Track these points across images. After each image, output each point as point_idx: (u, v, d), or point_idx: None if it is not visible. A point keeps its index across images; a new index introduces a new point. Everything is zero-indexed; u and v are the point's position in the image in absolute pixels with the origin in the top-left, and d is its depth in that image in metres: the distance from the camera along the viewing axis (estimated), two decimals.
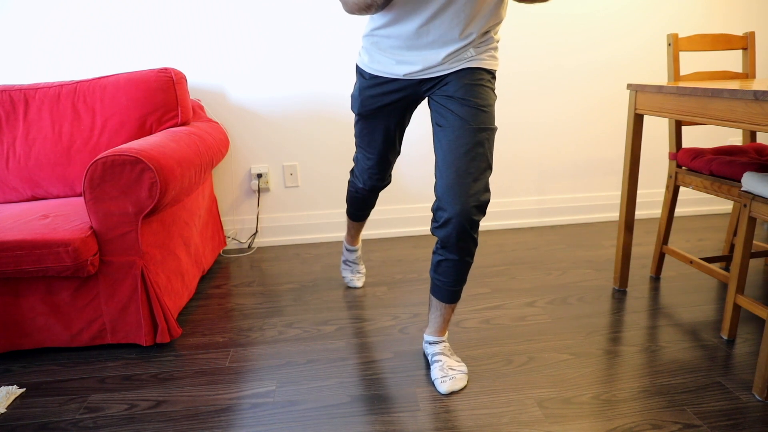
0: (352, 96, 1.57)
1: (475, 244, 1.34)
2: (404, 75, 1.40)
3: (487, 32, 1.34)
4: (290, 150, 2.59)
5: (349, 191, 1.86)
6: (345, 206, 2.69)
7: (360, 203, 1.85)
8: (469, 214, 1.26)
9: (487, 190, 1.29)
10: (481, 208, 1.28)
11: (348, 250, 2.11)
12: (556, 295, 1.98)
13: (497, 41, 1.40)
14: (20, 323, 1.65)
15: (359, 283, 2.13)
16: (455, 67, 1.35)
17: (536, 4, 1.38)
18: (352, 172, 1.80)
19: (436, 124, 1.37)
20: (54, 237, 1.54)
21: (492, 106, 1.34)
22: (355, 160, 1.74)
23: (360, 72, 1.53)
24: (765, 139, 2.80)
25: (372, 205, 1.88)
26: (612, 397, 1.39)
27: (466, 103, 1.31)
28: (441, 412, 1.36)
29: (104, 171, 1.55)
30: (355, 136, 1.66)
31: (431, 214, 2.70)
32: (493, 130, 1.32)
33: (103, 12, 2.36)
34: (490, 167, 1.31)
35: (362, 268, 2.17)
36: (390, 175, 1.75)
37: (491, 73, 1.38)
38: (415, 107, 1.56)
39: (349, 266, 2.14)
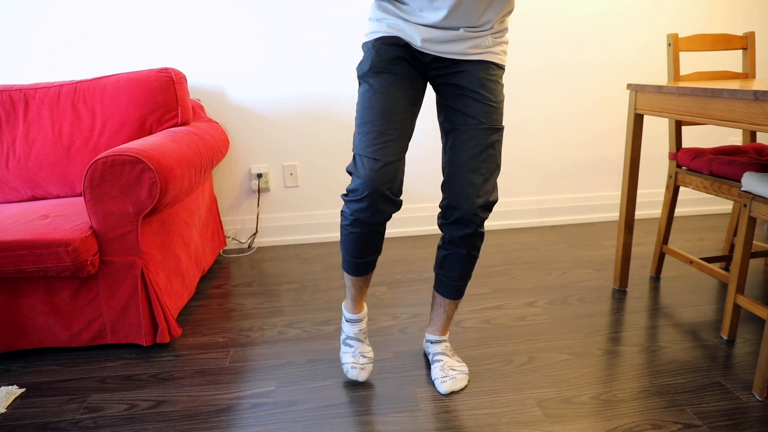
0: (362, 59, 1.33)
1: (482, 239, 1.36)
2: (422, 43, 1.28)
3: (502, 21, 1.33)
4: (290, 150, 2.59)
5: (343, 228, 1.33)
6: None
7: (362, 239, 1.31)
8: (479, 212, 1.30)
9: (495, 189, 1.32)
10: (489, 207, 1.32)
11: (349, 321, 1.52)
12: (556, 295, 1.98)
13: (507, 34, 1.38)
14: (20, 323, 1.65)
15: (364, 375, 1.47)
16: (473, 55, 1.31)
17: None
18: (345, 197, 1.29)
19: (445, 121, 1.36)
20: (54, 237, 1.54)
21: (502, 103, 1.35)
22: (351, 167, 1.26)
23: (371, 39, 1.33)
24: (765, 139, 2.80)
25: (379, 244, 1.35)
26: (612, 397, 1.39)
27: (479, 99, 1.31)
28: (441, 412, 1.36)
29: (104, 171, 1.55)
30: (360, 110, 1.28)
31: (431, 214, 2.70)
32: (502, 129, 1.34)
33: (102, 12, 2.36)
34: (498, 167, 1.33)
35: (368, 349, 1.51)
36: (401, 184, 1.27)
37: (503, 69, 1.38)
38: (424, 90, 1.38)
39: (351, 346, 1.51)
